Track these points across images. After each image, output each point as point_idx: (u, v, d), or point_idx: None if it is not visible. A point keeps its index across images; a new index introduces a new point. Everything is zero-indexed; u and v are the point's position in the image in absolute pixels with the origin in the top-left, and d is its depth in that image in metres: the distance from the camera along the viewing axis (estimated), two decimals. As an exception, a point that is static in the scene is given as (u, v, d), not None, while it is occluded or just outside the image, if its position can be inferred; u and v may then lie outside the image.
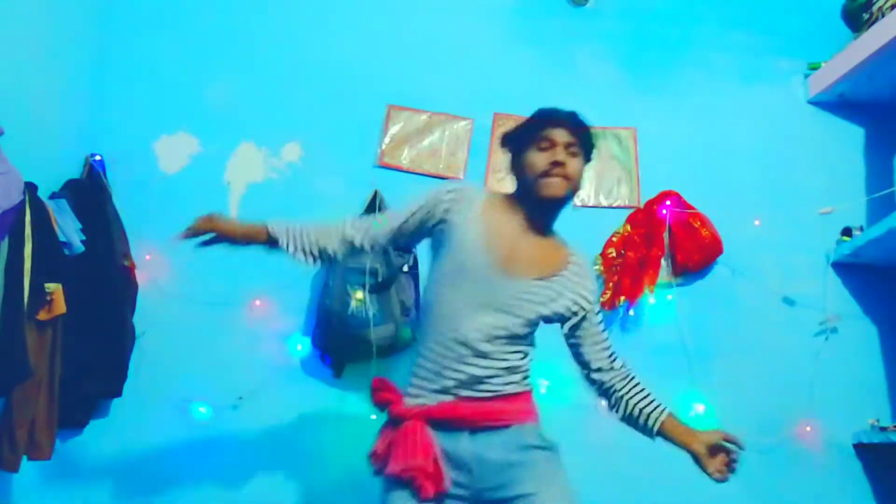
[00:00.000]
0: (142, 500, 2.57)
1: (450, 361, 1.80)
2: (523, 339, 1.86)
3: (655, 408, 1.91)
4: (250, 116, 2.89)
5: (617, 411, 1.94)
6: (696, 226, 2.79)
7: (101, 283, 2.47)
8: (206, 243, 1.94)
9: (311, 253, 1.92)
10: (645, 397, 1.92)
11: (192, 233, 1.92)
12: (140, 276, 2.67)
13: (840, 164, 2.98)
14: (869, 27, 2.77)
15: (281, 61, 2.95)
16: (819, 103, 3.03)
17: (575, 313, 1.90)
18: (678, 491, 2.66)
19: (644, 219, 2.81)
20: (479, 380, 1.80)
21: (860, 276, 2.88)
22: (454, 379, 1.79)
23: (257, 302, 2.73)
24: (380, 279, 2.56)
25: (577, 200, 2.88)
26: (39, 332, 2.18)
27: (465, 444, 1.78)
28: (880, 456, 2.72)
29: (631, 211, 2.86)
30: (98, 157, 2.70)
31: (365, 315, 2.52)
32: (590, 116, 3.02)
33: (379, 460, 1.82)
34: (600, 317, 1.96)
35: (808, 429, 2.73)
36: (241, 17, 2.98)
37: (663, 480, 2.65)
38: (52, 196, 2.37)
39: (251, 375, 2.67)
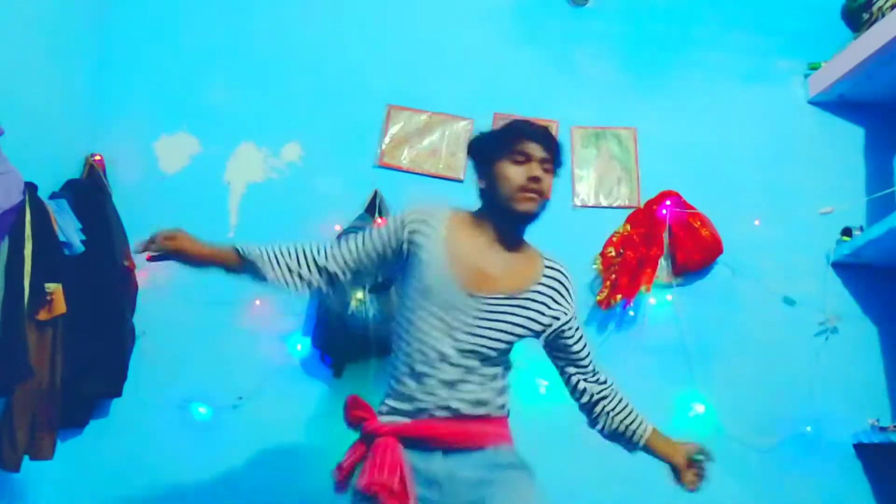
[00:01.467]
0: (142, 500, 2.57)
1: (423, 385, 1.77)
2: (496, 360, 1.81)
3: (640, 424, 1.91)
4: (250, 116, 2.90)
5: (599, 427, 1.93)
6: (696, 226, 2.79)
7: (101, 283, 2.47)
8: (155, 258, 1.85)
9: (292, 281, 1.83)
10: (629, 413, 1.91)
11: (151, 248, 1.83)
12: (140, 276, 2.67)
13: (840, 164, 2.98)
14: (869, 27, 2.77)
15: (281, 61, 2.95)
16: (819, 103, 3.03)
17: (549, 326, 1.84)
18: (678, 491, 2.67)
19: (644, 219, 2.81)
20: (452, 405, 1.76)
21: (860, 276, 2.87)
22: (427, 402, 1.76)
23: (257, 302, 2.73)
24: (380, 279, 2.55)
25: (577, 200, 2.89)
26: (39, 332, 2.18)
27: (437, 464, 1.76)
28: (880, 456, 2.72)
29: (631, 211, 2.86)
30: (98, 157, 2.70)
31: (365, 315, 2.52)
32: (590, 116, 3.04)
33: (342, 475, 1.80)
34: (578, 329, 1.89)
35: (808, 429, 2.73)
36: (242, 17, 2.98)
37: (663, 480, 2.64)
38: (52, 196, 2.37)
39: (251, 375, 2.67)
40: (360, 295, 2.54)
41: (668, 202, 2.81)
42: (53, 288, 2.16)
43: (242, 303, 2.72)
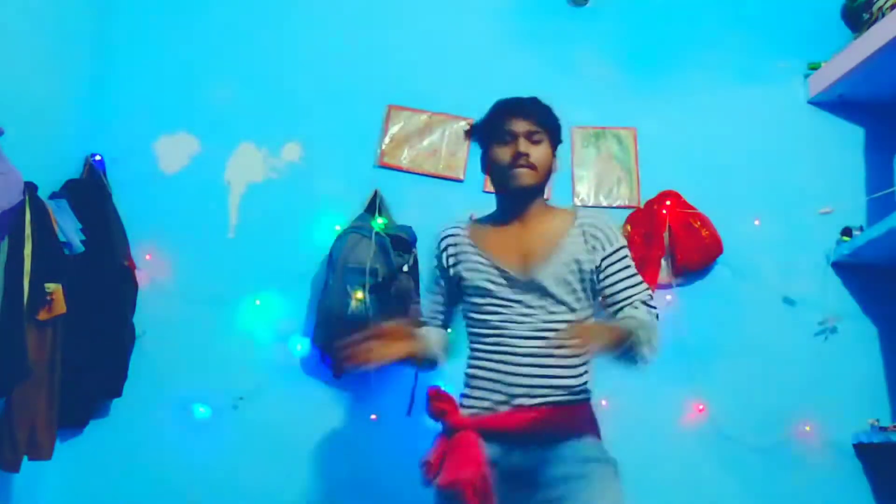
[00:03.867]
0: (142, 500, 2.57)
1: (501, 375, 1.80)
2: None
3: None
4: (250, 116, 2.89)
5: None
6: (696, 226, 2.79)
7: (101, 283, 2.47)
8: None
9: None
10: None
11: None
12: (140, 276, 2.67)
13: (840, 164, 2.97)
14: (869, 27, 2.77)
15: (281, 61, 2.95)
16: (819, 103, 3.03)
17: (592, 261, 1.85)
18: (678, 490, 2.67)
19: (644, 219, 2.81)
20: (533, 392, 1.78)
21: (860, 276, 2.87)
22: (507, 392, 1.79)
23: (257, 302, 2.73)
24: (380, 279, 2.56)
25: (577, 200, 2.89)
26: (39, 332, 2.18)
27: (517, 459, 1.76)
28: (880, 456, 2.72)
29: (631, 211, 2.86)
30: (98, 157, 2.70)
31: (365, 315, 2.52)
32: (590, 116, 3.03)
33: (431, 471, 1.79)
34: (622, 258, 1.88)
35: (808, 429, 2.73)
36: (241, 17, 2.98)
37: (663, 479, 2.65)
38: (52, 196, 2.37)
39: (251, 375, 2.67)
40: (360, 295, 2.54)
41: (668, 202, 2.81)
42: (53, 288, 2.16)
43: (242, 303, 2.72)
